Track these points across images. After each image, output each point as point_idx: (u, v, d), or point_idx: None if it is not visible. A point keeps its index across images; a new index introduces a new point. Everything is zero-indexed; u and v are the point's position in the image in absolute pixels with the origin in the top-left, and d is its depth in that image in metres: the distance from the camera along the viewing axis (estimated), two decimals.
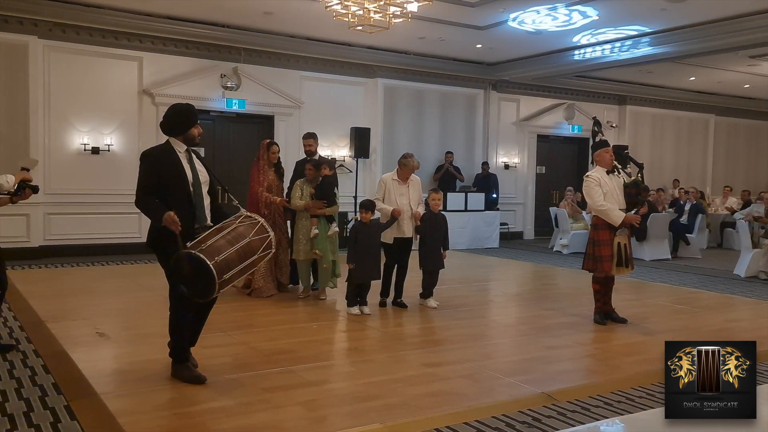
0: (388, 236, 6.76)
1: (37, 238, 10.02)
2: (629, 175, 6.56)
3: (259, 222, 4.30)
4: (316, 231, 6.91)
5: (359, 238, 6.47)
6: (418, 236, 6.90)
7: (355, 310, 6.53)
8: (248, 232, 4.19)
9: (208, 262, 3.88)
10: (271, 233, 4.33)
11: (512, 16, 10.41)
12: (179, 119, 4.31)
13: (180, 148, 4.30)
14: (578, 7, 9.85)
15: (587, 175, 6.38)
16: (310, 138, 7.70)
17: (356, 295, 6.56)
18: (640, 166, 6.77)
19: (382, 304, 6.89)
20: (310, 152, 7.60)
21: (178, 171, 4.23)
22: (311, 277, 7.40)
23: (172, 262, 4.05)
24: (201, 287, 4.00)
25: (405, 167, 6.84)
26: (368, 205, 6.62)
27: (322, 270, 7.06)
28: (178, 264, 3.99)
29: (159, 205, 4.14)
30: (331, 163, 7.62)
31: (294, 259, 7.21)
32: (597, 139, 6.60)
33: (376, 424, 3.70)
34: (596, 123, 6.91)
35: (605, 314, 6.44)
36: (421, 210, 6.92)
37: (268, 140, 7.52)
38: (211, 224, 4.28)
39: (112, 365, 4.92)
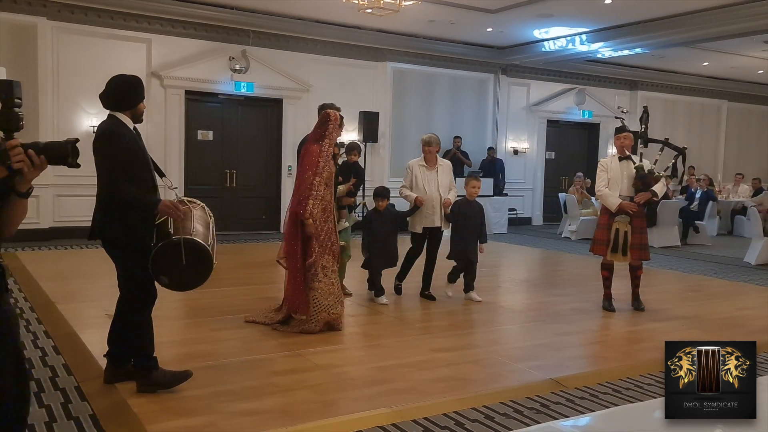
0: (417, 225, 6.42)
1: (47, 219, 10.07)
2: (654, 162, 6.47)
3: (203, 205, 4.06)
4: (347, 223, 6.37)
5: (373, 226, 6.26)
6: (450, 225, 6.49)
7: (384, 299, 6.27)
8: (205, 215, 3.98)
9: (207, 246, 3.71)
10: (212, 216, 4.09)
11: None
12: (130, 91, 3.89)
13: (129, 125, 3.84)
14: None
15: (599, 161, 6.54)
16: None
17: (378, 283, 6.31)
18: (681, 151, 6.71)
19: (397, 288, 6.62)
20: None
21: (142, 151, 3.80)
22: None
23: (158, 251, 3.66)
24: (188, 277, 3.74)
25: (423, 145, 6.49)
26: (382, 193, 6.34)
27: (343, 263, 6.35)
28: (167, 253, 3.65)
29: (144, 193, 3.72)
30: (359, 147, 7.08)
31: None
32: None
33: (384, 409, 3.70)
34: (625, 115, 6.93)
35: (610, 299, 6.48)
36: (453, 196, 6.46)
37: (333, 111, 5.27)
38: None
39: None
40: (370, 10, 9.15)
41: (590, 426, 2.29)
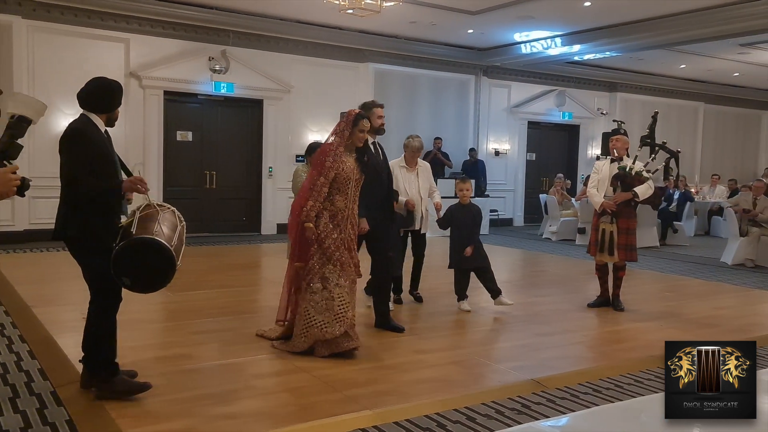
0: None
1: (22, 222, 9.90)
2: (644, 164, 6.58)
3: (173, 209, 3.93)
4: None
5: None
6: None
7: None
8: (175, 219, 3.86)
9: (170, 247, 3.60)
10: (183, 221, 3.96)
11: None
12: (110, 95, 3.85)
13: (101, 127, 3.81)
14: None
15: (595, 162, 6.89)
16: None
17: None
18: (674, 154, 6.87)
19: (398, 301, 6.48)
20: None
21: (110, 154, 3.77)
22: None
23: (118, 251, 3.54)
24: (150, 277, 3.64)
25: (406, 148, 6.42)
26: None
27: None
28: (127, 253, 3.54)
29: (107, 181, 3.65)
30: None
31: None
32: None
33: (365, 411, 3.68)
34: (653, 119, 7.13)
35: (604, 300, 6.56)
36: (438, 198, 6.38)
37: (357, 110, 4.91)
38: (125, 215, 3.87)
39: None
40: (351, 11, 9.13)
41: (570, 426, 2.29)
